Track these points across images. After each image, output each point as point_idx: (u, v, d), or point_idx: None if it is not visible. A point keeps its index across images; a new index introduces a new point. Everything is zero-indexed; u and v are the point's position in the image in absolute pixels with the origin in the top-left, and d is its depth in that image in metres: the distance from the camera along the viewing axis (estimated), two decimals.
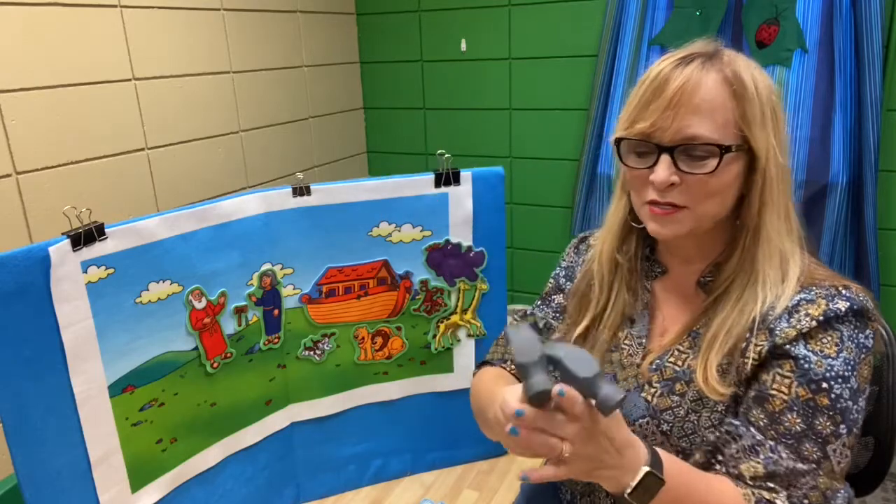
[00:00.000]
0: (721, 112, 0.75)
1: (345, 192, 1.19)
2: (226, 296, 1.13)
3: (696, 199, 0.78)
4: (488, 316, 1.31)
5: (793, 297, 0.78)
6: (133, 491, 1.05)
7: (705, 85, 0.75)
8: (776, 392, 0.76)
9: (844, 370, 0.74)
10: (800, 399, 0.75)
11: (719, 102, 0.75)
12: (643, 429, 0.84)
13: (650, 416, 0.84)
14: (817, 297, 0.77)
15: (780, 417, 0.75)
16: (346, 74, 2.31)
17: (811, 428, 0.74)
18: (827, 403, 0.74)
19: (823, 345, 0.75)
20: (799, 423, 0.75)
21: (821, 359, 0.74)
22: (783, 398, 0.75)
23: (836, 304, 0.76)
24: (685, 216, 0.79)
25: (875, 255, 1.82)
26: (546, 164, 2.17)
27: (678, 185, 0.77)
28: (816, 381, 0.74)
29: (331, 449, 1.30)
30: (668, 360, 0.85)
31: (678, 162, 0.76)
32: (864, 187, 1.75)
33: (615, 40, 1.92)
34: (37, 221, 1.32)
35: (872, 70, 1.67)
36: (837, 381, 0.74)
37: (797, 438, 0.75)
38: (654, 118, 0.76)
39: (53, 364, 0.93)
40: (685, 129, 0.75)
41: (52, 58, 1.33)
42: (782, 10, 1.75)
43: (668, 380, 0.84)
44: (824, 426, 0.74)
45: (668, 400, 0.83)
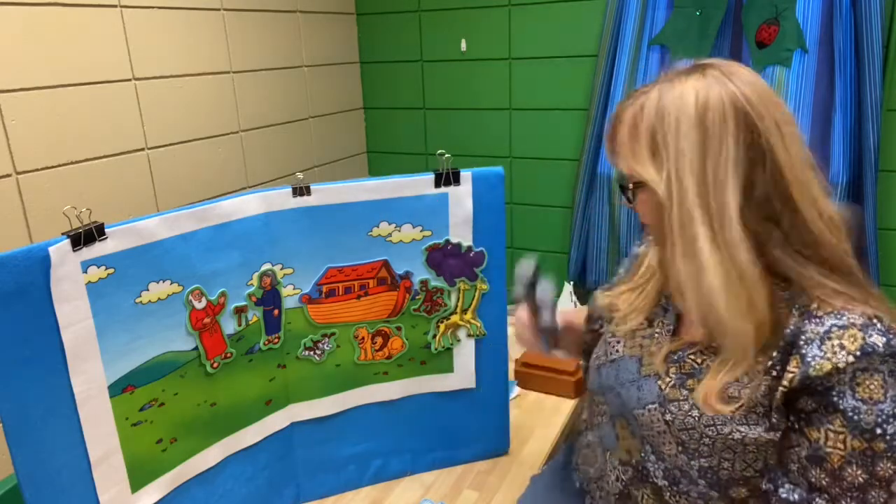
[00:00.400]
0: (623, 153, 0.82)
1: (345, 192, 1.19)
2: (226, 296, 1.13)
3: (649, 225, 0.86)
4: (488, 316, 1.31)
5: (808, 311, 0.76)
6: (133, 491, 1.05)
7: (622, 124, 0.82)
8: (832, 449, 0.74)
9: (893, 408, 0.72)
10: (856, 451, 0.73)
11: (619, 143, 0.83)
12: (651, 413, 0.86)
13: (659, 403, 0.85)
14: (851, 324, 0.73)
15: (840, 473, 0.74)
16: (346, 74, 2.31)
17: (873, 476, 0.73)
18: (884, 447, 0.72)
19: (872, 391, 0.72)
20: (860, 474, 0.73)
21: (870, 407, 0.72)
22: (840, 454, 0.74)
23: (873, 338, 0.72)
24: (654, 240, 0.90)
25: (875, 255, 1.82)
26: (546, 164, 2.17)
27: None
28: (870, 430, 0.72)
29: (331, 449, 1.30)
30: (689, 355, 0.86)
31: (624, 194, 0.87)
32: (864, 187, 1.75)
33: (615, 40, 1.92)
34: (37, 221, 1.32)
35: (872, 70, 1.67)
36: (890, 423, 0.72)
37: (862, 489, 0.73)
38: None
39: (53, 364, 0.93)
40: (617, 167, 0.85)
41: (52, 58, 1.33)
42: (782, 10, 1.75)
43: (684, 374, 0.85)
44: (885, 469, 0.73)
45: (678, 392, 0.84)
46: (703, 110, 0.75)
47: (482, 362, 1.33)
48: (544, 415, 1.53)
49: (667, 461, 0.86)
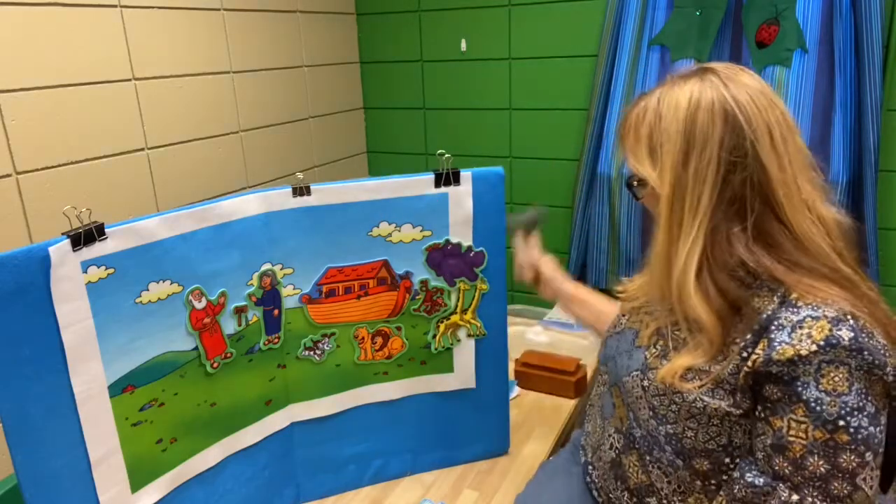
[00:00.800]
0: (627, 151, 0.89)
1: (345, 192, 1.19)
2: (226, 296, 1.13)
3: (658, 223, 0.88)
4: (488, 316, 1.31)
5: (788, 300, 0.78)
6: (133, 491, 1.05)
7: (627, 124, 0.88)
8: (794, 439, 0.76)
9: (858, 401, 0.73)
10: (818, 441, 0.74)
11: (626, 141, 0.88)
12: (633, 380, 0.92)
13: (640, 370, 0.91)
14: (823, 316, 0.75)
15: (802, 463, 0.75)
16: (346, 74, 2.31)
17: (836, 467, 0.74)
18: (847, 440, 0.74)
19: (836, 383, 0.74)
20: (822, 464, 0.74)
21: (834, 399, 0.73)
22: (802, 444, 0.75)
23: (841, 331, 0.74)
24: None
25: (875, 256, 1.82)
26: (546, 164, 2.17)
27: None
28: (832, 422, 0.74)
29: (331, 449, 1.30)
30: (674, 331, 0.90)
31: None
32: (864, 187, 1.75)
33: (615, 40, 1.92)
34: (37, 221, 1.32)
35: (872, 70, 1.67)
36: (853, 415, 0.73)
37: (824, 480, 0.75)
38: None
39: (53, 364, 0.93)
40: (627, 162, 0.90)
41: (52, 58, 1.33)
42: (782, 10, 1.75)
43: (667, 347, 0.90)
44: (849, 461, 0.74)
45: (658, 362, 0.89)
46: (693, 113, 0.80)
47: (482, 362, 1.33)
48: (544, 415, 1.53)
49: (642, 426, 0.91)
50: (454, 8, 2.17)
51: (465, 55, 2.21)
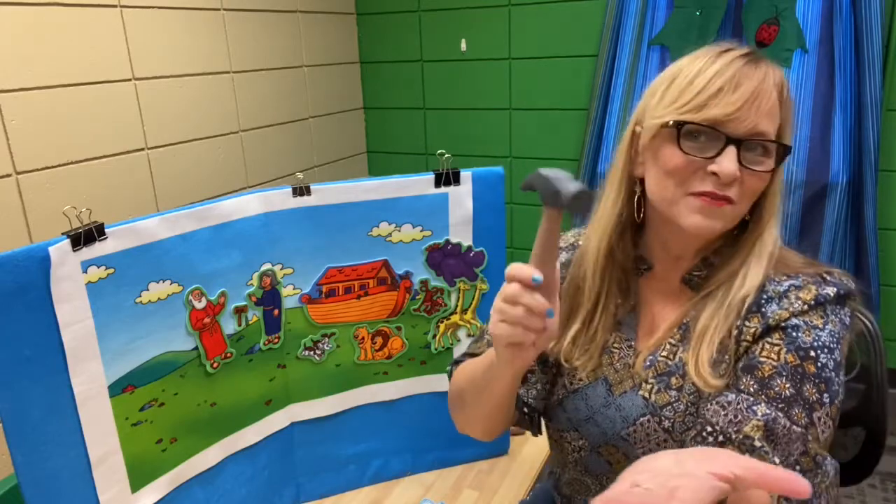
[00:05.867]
0: (776, 116, 0.78)
1: (345, 192, 1.19)
2: (226, 296, 1.13)
3: (744, 197, 0.78)
4: (488, 316, 1.31)
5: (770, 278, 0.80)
6: (133, 491, 1.05)
7: (774, 87, 0.77)
8: (766, 359, 0.77)
9: (830, 341, 0.76)
10: (789, 365, 0.76)
11: (776, 107, 0.77)
12: (644, 427, 0.83)
13: (650, 413, 0.83)
14: (806, 283, 0.79)
15: (770, 382, 0.76)
16: (346, 74, 2.31)
17: (799, 394, 0.75)
18: (814, 371, 0.75)
19: (811, 317, 0.77)
20: (788, 387, 0.75)
21: (809, 328, 0.76)
22: (772, 364, 0.76)
23: (825, 289, 0.78)
24: (730, 212, 0.78)
25: (875, 255, 1.82)
26: (546, 163, 2.17)
27: (735, 182, 0.77)
28: (805, 349, 0.76)
29: (331, 449, 1.30)
30: (660, 355, 0.85)
31: (743, 156, 0.76)
32: (864, 187, 1.76)
33: (615, 40, 1.92)
34: (37, 221, 1.32)
35: (872, 70, 1.67)
36: (823, 351, 0.76)
37: (787, 402, 0.75)
38: (733, 109, 0.75)
39: (53, 364, 0.93)
40: (758, 125, 0.76)
41: (52, 58, 1.33)
42: (782, 10, 1.75)
43: (662, 374, 0.84)
44: (811, 393, 0.75)
45: (667, 395, 0.83)
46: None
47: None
48: None
49: None
50: (454, 8, 2.18)
51: (465, 55, 2.21)
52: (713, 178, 0.76)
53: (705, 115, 0.76)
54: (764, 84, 0.76)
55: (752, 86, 0.75)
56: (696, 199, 0.78)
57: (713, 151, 0.76)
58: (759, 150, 0.77)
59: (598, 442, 0.88)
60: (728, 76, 0.76)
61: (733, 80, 0.75)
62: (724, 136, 0.75)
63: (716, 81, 0.76)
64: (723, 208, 0.77)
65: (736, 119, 0.75)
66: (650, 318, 0.89)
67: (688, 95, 0.77)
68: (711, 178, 0.76)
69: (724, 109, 0.75)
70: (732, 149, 0.75)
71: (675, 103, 0.78)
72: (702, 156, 0.76)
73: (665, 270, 0.88)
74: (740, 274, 0.81)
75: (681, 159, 0.78)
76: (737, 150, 0.75)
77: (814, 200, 1.82)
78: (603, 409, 0.87)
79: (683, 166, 0.78)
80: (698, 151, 0.77)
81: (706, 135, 0.76)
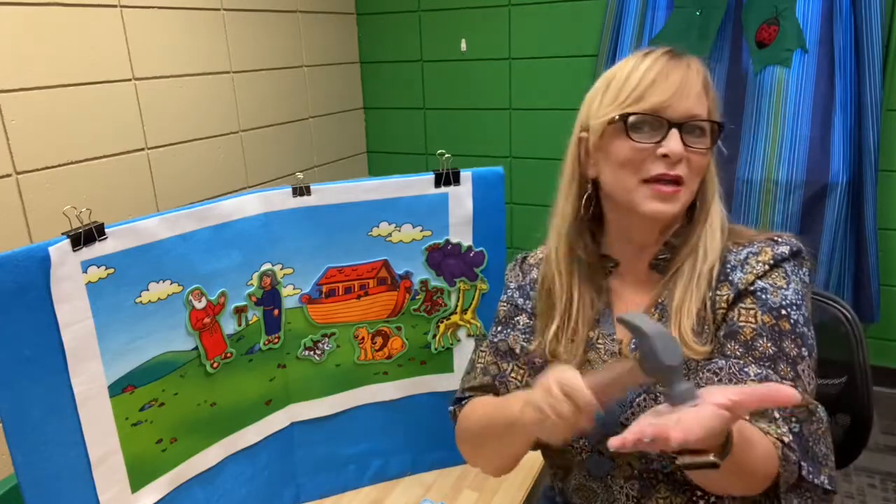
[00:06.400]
0: (704, 100, 0.85)
1: (345, 192, 1.19)
2: (226, 296, 1.13)
3: (692, 176, 0.84)
4: (488, 316, 1.31)
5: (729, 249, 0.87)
6: (133, 491, 1.05)
7: (698, 74, 0.85)
8: (745, 323, 0.82)
9: (796, 298, 0.83)
10: (766, 325, 0.81)
11: (703, 92, 0.85)
12: (641, 407, 0.86)
13: (644, 391, 0.87)
14: (761, 248, 0.86)
15: (753, 344, 0.81)
16: (346, 74, 2.31)
17: (781, 350, 0.80)
18: (788, 328, 0.81)
19: (774, 279, 0.84)
20: (770, 346, 0.81)
21: (775, 290, 0.83)
22: (752, 326, 0.82)
23: (779, 249, 0.85)
24: (683, 194, 0.84)
25: (875, 255, 1.82)
26: (546, 164, 2.18)
27: (683, 160, 0.83)
28: (776, 309, 0.82)
29: (331, 449, 1.30)
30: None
31: (684, 137, 0.82)
32: (864, 187, 1.76)
33: (615, 40, 1.92)
34: (37, 221, 1.32)
35: (872, 70, 1.67)
36: (792, 308, 0.82)
37: (772, 360, 0.80)
38: (667, 96, 0.82)
39: (53, 364, 0.93)
40: (692, 108, 0.83)
41: (52, 58, 1.33)
42: (782, 10, 1.75)
43: None
44: (791, 349, 0.81)
45: None
46: None
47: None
48: None
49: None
50: (454, 8, 2.18)
51: (465, 55, 2.21)
52: (663, 160, 0.82)
53: (645, 104, 0.83)
54: (689, 73, 0.84)
55: (679, 74, 0.83)
56: (650, 187, 0.84)
57: (659, 136, 0.83)
58: (697, 131, 0.84)
59: (599, 437, 0.89)
60: (658, 69, 0.84)
61: (663, 72, 0.83)
62: (666, 121, 0.82)
63: (648, 75, 0.84)
64: (677, 194, 0.84)
65: (672, 105, 0.82)
66: (625, 309, 0.93)
67: (626, 91, 0.85)
68: (661, 160, 0.82)
69: (661, 97, 0.82)
70: (675, 131, 0.82)
71: (616, 101, 0.85)
72: (649, 141, 0.83)
73: (631, 262, 0.93)
74: (700, 248, 0.87)
75: (631, 149, 0.84)
76: (679, 132, 0.82)
77: (814, 200, 1.82)
78: None
79: (634, 154, 0.84)
80: (646, 139, 0.83)
81: (649, 123, 0.83)
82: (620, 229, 0.92)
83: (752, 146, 1.85)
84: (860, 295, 1.88)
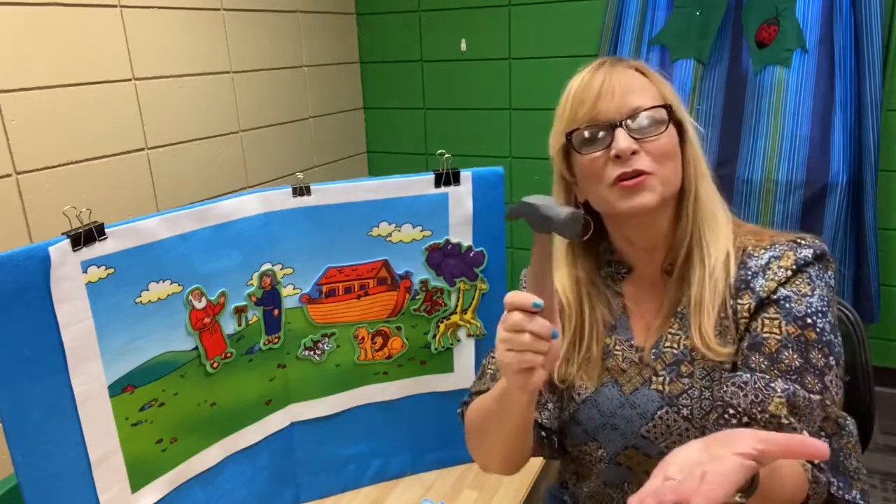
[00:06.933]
0: (647, 88, 0.85)
1: (345, 192, 1.19)
2: (226, 296, 1.13)
3: (656, 162, 0.83)
4: (488, 316, 1.31)
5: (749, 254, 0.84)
6: (133, 491, 1.05)
7: (626, 73, 0.85)
8: (769, 334, 0.79)
9: (821, 305, 0.80)
10: (791, 336, 0.79)
11: (642, 83, 0.85)
12: (664, 420, 0.84)
13: (667, 405, 0.84)
14: (783, 251, 0.83)
15: (778, 356, 0.78)
16: (346, 74, 2.31)
17: (808, 362, 0.78)
18: (815, 338, 0.78)
19: (798, 286, 0.80)
20: (797, 358, 0.78)
21: (800, 297, 0.80)
22: (777, 338, 0.79)
23: (802, 252, 0.82)
24: (653, 182, 0.82)
25: (875, 255, 1.82)
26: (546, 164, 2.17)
27: (638, 153, 0.82)
28: (801, 318, 0.79)
29: (331, 449, 1.30)
30: (664, 346, 0.86)
31: (632, 133, 0.82)
32: (864, 187, 1.76)
33: (615, 40, 1.92)
34: (37, 221, 1.32)
35: (872, 70, 1.67)
36: (818, 316, 0.79)
37: (799, 373, 0.77)
38: (592, 103, 0.83)
39: (53, 364, 0.93)
40: (627, 103, 0.83)
41: (52, 58, 1.33)
42: (782, 10, 1.75)
43: (671, 364, 0.85)
44: (818, 359, 0.78)
45: (679, 384, 0.84)
46: None
47: (482, 362, 1.33)
48: None
49: None
50: (454, 8, 2.18)
51: (465, 55, 2.21)
52: (617, 161, 0.82)
53: (579, 118, 0.84)
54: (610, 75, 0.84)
55: (600, 79, 0.84)
56: (616, 188, 0.83)
57: (607, 142, 0.83)
58: (646, 120, 0.83)
59: (618, 447, 0.89)
60: (582, 85, 0.85)
61: (584, 84, 0.85)
62: (606, 124, 0.83)
63: (575, 93, 0.86)
64: (643, 182, 0.82)
65: (603, 109, 0.83)
66: (642, 314, 0.92)
67: (563, 117, 0.87)
68: (616, 162, 0.82)
69: (587, 106, 0.83)
70: (620, 130, 0.82)
71: (558, 128, 0.88)
72: (600, 148, 0.83)
73: (643, 265, 0.92)
74: (702, 240, 0.85)
75: (587, 161, 0.85)
76: (624, 129, 0.82)
77: (814, 200, 1.82)
78: (619, 411, 0.88)
79: (591, 165, 0.85)
80: (597, 147, 0.84)
81: (595, 132, 0.83)
82: (621, 236, 0.91)
83: (752, 146, 1.85)
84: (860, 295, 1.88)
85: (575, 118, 0.85)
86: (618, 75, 0.84)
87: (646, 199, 0.82)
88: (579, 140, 0.85)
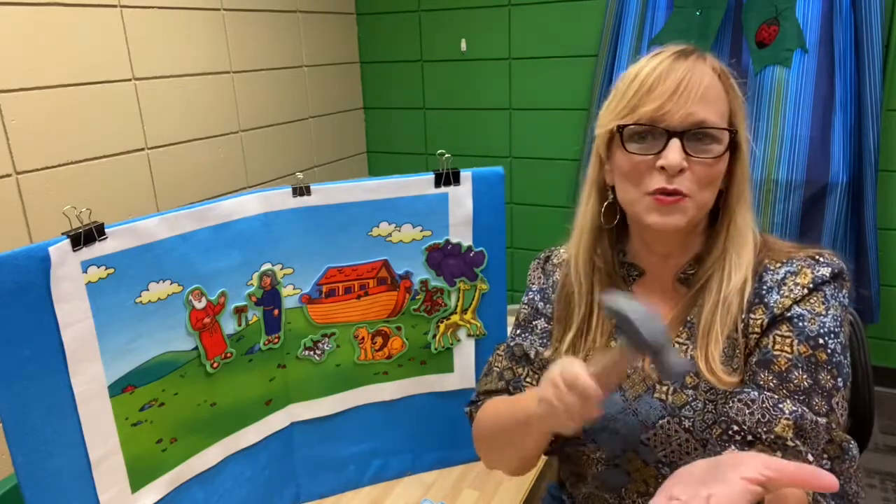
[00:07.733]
0: (720, 103, 0.79)
1: (345, 192, 1.19)
2: (226, 296, 1.13)
3: (698, 187, 0.79)
4: (488, 316, 1.31)
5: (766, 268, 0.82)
6: (133, 491, 1.05)
7: (707, 75, 0.78)
8: (780, 352, 0.78)
9: (834, 326, 0.78)
10: (802, 356, 0.77)
11: (717, 93, 0.79)
12: (665, 430, 0.83)
13: (669, 415, 0.83)
14: (800, 267, 0.81)
15: (788, 375, 0.77)
16: (346, 74, 2.31)
17: (816, 383, 0.76)
18: (825, 359, 0.77)
19: (812, 304, 0.79)
20: (806, 378, 0.76)
21: (813, 317, 0.78)
22: (787, 356, 0.78)
23: (820, 270, 0.80)
24: (688, 205, 0.79)
25: (875, 256, 1.82)
26: (546, 164, 2.18)
27: (684, 171, 0.78)
28: (814, 338, 0.77)
29: (331, 449, 1.30)
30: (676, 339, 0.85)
31: (687, 147, 0.77)
32: (864, 187, 1.76)
33: (615, 40, 1.92)
34: (37, 221, 1.32)
35: (872, 70, 1.67)
36: (830, 337, 0.78)
37: (807, 394, 0.76)
38: (661, 102, 0.77)
39: (53, 364, 0.93)
40: (694, 114, 0.77)
41: (52, 58, 1.33)
42: (782, 10, 1.75)
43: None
44: (826, 380, 0.77)
45: (683, 395, 0.83)
46: None
47: (482, 362, 1.33)
48: None
49: None
50: (454, 8, 2.18)
51: (465, 55, 2.21)
52: (662, 172, 0.78)
53: (639, 114, 0.78)
54: (692, 74, 0.77)
55: (677, 77, 0.77)
56: (650, 199, 0.79)
57: (658, 147, 0.78)
58: (707, 139, 0.78)
59: (617, 451, 0.88)
60: (658, 73, 0.78)
61: (662, 76, 0.77)
62: (665, 131, 0.77)
63: (648, 80, 0.78)
64: (679, 204, 0.79)
65: (670, 111, 0.77)
66: None
67: (625, 100, 0.80)
68: (661, 172, 0.78)
69: (653, 104, 0.77)
70: (676, 141, 0.77)
71: (614, 110, 0.81)
72: (648, 153, 0.79)
73: (657, 271, 0.90)
74: (726, 261, 0.83)
75: (629, 161, 0.80)
76: (680, 141, 0.77)
77: (814, 200, 1.82)
78: (620, 416, 0.87)
79: (633, 167, 0.80)
80: (645, 150, 0.79)
81: (650, 133, 0.79)
82: (640, 238, 0.89)
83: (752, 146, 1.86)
84: (860, 295, 1.88)
85: (635, 110, 0.79)
86: (699, 75, 0.78)
87: (676, 221, 0.79)
88: (629, 134, 0.80)
